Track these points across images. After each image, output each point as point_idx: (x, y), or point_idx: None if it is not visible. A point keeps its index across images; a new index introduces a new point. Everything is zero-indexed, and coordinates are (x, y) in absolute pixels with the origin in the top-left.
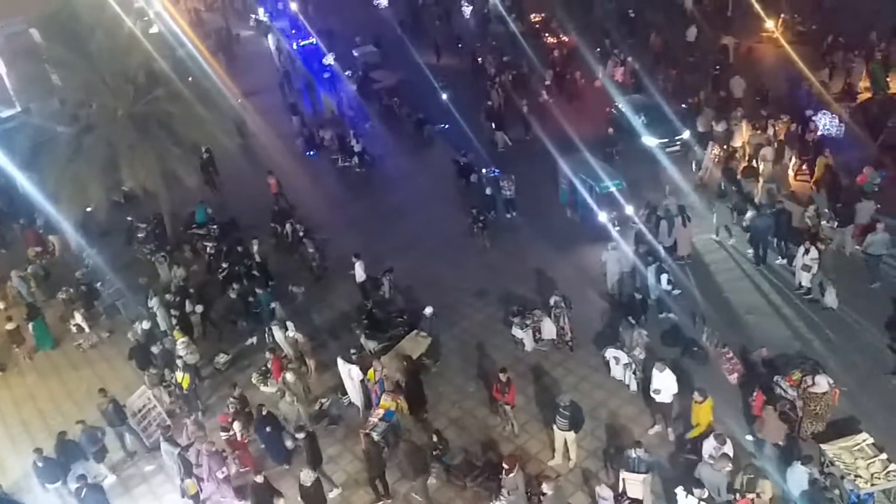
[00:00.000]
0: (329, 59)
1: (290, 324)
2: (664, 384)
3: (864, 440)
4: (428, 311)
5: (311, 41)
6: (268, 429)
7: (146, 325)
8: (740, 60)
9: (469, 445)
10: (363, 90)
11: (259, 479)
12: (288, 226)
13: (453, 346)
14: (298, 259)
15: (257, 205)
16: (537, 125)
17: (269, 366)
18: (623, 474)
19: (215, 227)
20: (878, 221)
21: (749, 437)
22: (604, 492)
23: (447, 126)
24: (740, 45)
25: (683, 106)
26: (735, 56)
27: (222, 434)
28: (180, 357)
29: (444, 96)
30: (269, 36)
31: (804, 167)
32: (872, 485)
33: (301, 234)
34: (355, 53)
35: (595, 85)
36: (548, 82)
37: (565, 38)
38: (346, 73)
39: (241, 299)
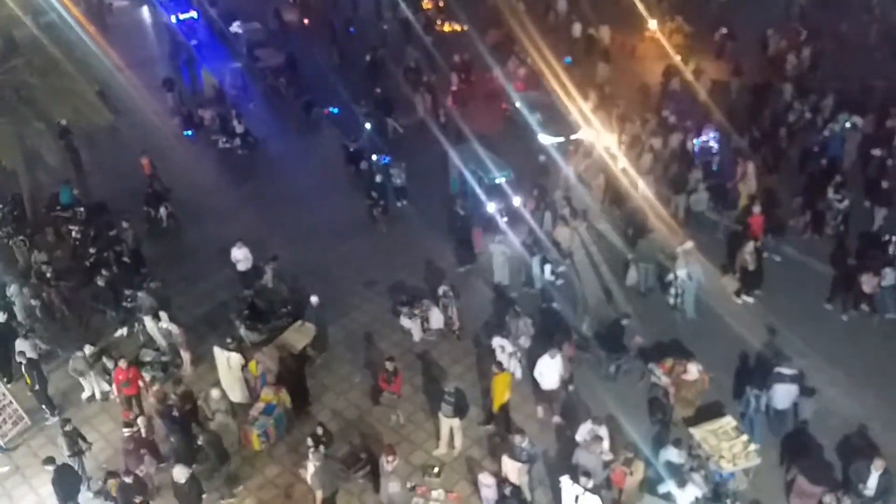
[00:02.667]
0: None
1: (163, 314)
2: (549, 370)
3: (727, 423)
4: (313, 300)
5: (192, 14)
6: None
7: (1, 316)
8: (615, 54)
9: (354, 437)
10: (248, 68)
11: (128, 479)
12: (162, 209)
13: (340, 337)
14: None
15: (129, 187)
16: (430, 115)
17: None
18: (504, 461)
19: (82, 209)
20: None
21: None
22: (486, 479)
23: (337, 110)
24: (624, 41)
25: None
26: (612, 49)
27: (125, 430)
28: (21, 352)
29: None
30: (145, 7)
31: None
32: (734, 465)
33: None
34: (238, 30)
35: (495, 81)
36: (454, 88)
37: (459, 27)
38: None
39: (110, 287)
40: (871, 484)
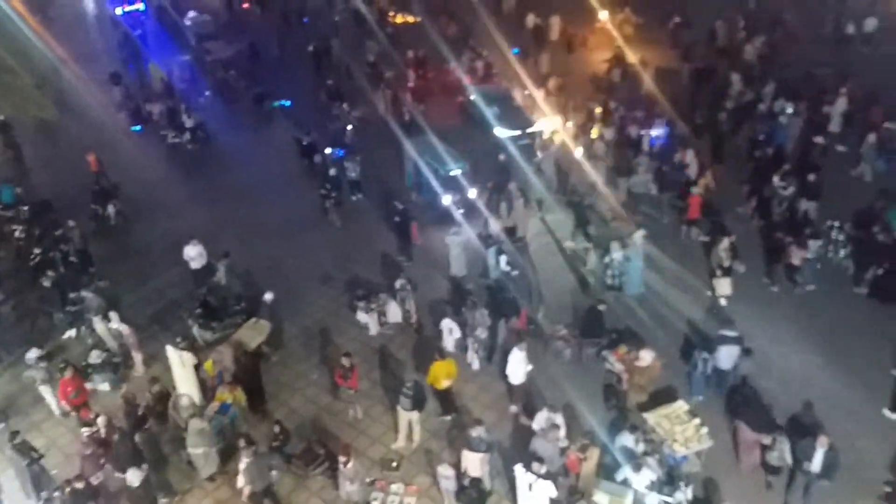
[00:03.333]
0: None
1: (113, 314)
2: (517, 365)
3: (680, 407)
4: (268, 297)
5: (138, 6)
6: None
7: None
8: (566, 44)
9: (311, 434)
10: (197, 61)
11: (79, 485)
12: (110, 207)
13: (296, 333)
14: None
15: (76, 184)
16: (391, 112)
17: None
18: (464, 452)
19: (25, 208)
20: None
21: None
22: (445, 471)
23: (289, 103)
24: (574, 32)
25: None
26: (561, 39)
27: (84, 430)
28: None
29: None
30: None
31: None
32: (687, 448)
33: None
34: (187, 22)
35: (451, 75)
36: (412, 84)
37: (411, 19)
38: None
39: (57, 288)
40: (817, 461)
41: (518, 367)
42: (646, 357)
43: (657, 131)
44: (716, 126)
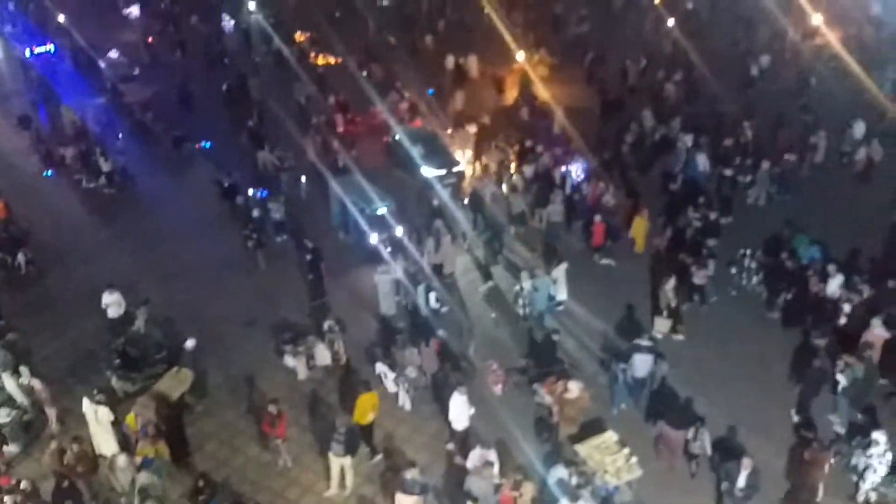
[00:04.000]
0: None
1: (23, 369)
2: (460, 409)
3: (609, 438)
4: (189, 344)
5: (48, 48)
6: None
7: None
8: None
9: (240, 485)
10: (113, 104)
11: None
12: (20, 255)
13: (220, 381)
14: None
15: None
16: (311, 147)
17: None
18: (398, 496)
19: None
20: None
21: None
22: None
23: (209, 144)
24: (493, 72)
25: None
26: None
27: (6, 499)
28: None
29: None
30: None
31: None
32: (618, 478)
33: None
34: (102, 64)
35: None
36: (340, 129)
37: (332, 60)
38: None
39: None
40: (741, 482)
41: (461, 411)
42: (574, 389)
43: (573, 165)
44: (620, 158)
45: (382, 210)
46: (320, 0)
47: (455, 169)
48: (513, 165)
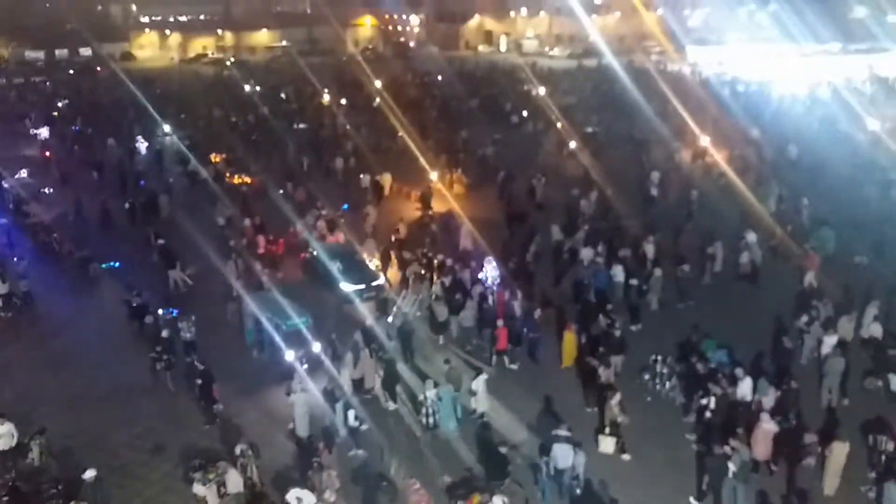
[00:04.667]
0: None
1: None
2: None
3: None
4: (88, 475)
5: None
6: None
7: None
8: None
9: None
10: (17, 224)
11: None
12: None
13: None
14: None
15: None
16: (238, 275)
17: None
18: None
19: None
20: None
21: None
22: None
23: (117, 264)
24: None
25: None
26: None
27: None
28: None
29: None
30: None
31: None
32: None
33: None
34: (5, 185)
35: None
36: (261, 251)
37: (249, 179)
38: None
39: None
40: None
41: None
42: (498, 503)
43: (485, 275)
44: (524, 268)
45: (299, 325)
46: (236, 123)
47: (374, 283)
48: (433, 276)
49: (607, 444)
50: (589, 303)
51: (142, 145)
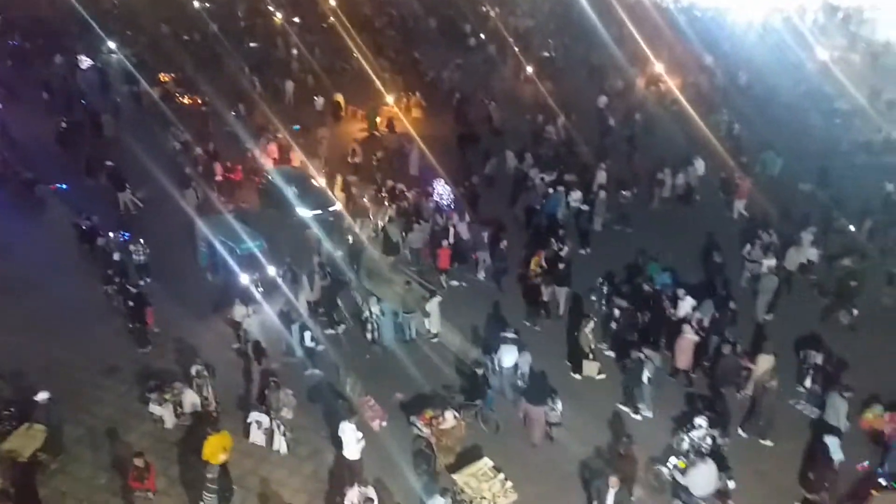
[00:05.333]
0: None
1: None
2: (346, 439)
3: (485, 464)
4: (41, 397)
5: None
6: None
7: None
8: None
9: None
10: None
11: None
12: None
13: (79, 435)
14: None
15: None
16: (175, 186)
17: None
18: None
19: None
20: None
21: None
22: None
23: (65, 186)
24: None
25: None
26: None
27: None
28: None
29: None
30: None
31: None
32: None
33: None
34: None
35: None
36: (219, 178)
37: (200, 100)
38: None
39: None
40: (609, 500)
41: (351, 440)
42: (449, 418)
43: (437, 197)
44: (472, 189)
45: (254, 249)
46: (185, 41)
47: (330, 208)
48: (386, 200)
49: (591, 368)
50: (540, 227)
51: (84, 62)
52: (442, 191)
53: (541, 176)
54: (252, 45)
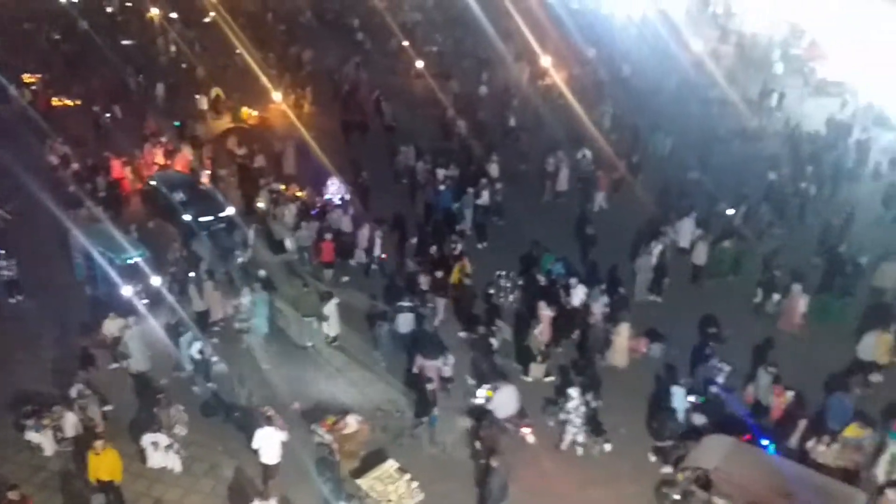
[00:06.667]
0: None
1: None
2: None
3: (390, 466)
4: None
5: None
6: None
7: None
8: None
9: None
10: None
11: None
12: None
13: None
14: None
15: None
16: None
17: None
18: None
19: None
20: None
21: None
22: None
23: None
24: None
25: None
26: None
27: None
28: None
29: None
30: None
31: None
32: None
33: None
34: None
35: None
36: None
37: (71, 103)
38: None
39: None
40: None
41: (270, 445)
42: (352, 423)
43: (329, 195)
44: (361, 184)
45: (136, 259)
46: (58, 40)
47: (221, 213)
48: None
49: (538, 371)
50: (439, 223)
51: None
52: (333, 188)
53: (436, 171)
54: (126, 42)
